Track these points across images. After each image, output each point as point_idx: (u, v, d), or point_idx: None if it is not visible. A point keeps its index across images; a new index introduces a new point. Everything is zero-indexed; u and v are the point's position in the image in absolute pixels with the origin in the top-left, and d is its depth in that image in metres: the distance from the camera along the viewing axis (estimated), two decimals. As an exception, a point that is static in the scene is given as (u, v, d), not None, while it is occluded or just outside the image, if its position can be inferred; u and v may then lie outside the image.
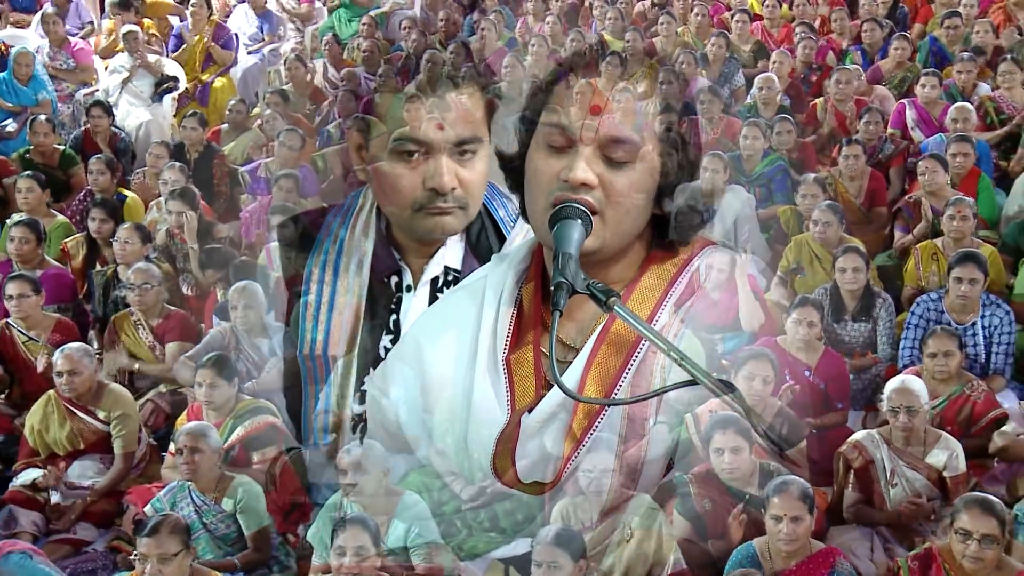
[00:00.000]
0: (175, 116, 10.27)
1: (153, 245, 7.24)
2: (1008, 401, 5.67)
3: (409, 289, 2.40)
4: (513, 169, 2.05)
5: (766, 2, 10.79)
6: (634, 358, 2.02)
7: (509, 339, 2.07)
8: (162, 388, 6.32)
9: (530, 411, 2.05)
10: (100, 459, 5.82)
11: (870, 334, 6.11)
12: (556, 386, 1.97)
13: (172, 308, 6.55)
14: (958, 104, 8.11)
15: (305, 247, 2.48)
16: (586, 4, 11.77)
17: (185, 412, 5.64)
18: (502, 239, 2.47)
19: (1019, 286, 6.45)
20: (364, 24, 11.22)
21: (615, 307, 1.83)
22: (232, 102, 9.71)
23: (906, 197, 7.27)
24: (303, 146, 8.38)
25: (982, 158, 7.88)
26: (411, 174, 2.27)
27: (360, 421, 2.68)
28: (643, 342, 2.00)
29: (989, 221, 7.42)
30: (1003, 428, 5.21)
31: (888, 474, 4.88)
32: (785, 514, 4.23)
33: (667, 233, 2.03)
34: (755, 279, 4.91)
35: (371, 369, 2.45)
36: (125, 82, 10.43)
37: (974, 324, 5.89)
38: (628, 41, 9.94)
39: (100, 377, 5.87)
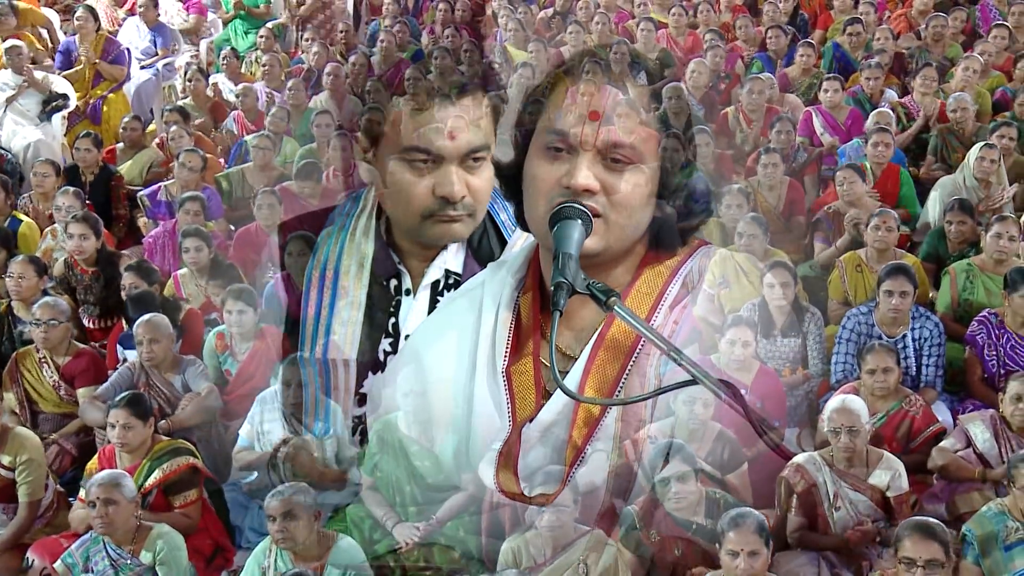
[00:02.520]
0: (66, 136, 9.83)
1: (50, 276, 6.88)
2: (941, 414, 5.64)
3: (409, 293, 2.42)
4: (509, 177, 2.04)
5: (672, 10, 10.75)
6: (631, 363, 2.03)
7: (508, 350, 2.08)
8: (68, 429, 5.98)
9: (530, 422, 2.06)
10: (2, 509, 5.47)
11: (800, 349, 6.04)
12: (555, 396, 2.03)
13: (80, 346, 6.21)
14: (879, 110, 8.15)
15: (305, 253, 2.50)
16: (489, 14, 11.62)
17: (96, 456, 5.32)
18: (503, 242, 2.48)
19: (942, 296, 6.45)
20: (262, 37, 10.91)
21: (615, 307, 1.82)
22: (126, 119, 9.33)
23: (825, 208, 7.24)
24: (205, 166, 8.07)
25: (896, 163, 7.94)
26: (420, 182, 2.28)
27: (359, 423, 2.72)
28: (639, 346, 2.02)
29: (912, 215, 7.51)
30: (941, 444, 5.17)
31: (831, 497, 4.80)
32: (742, 549, 4.12)
33: (664, 235, 2.04)
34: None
35: (370, 372, 2.49)
36: (10, 100, 9.94)
37: (904, 337, 5.86)
38: (531, 52, 9.82)
39: (3, 420, 5.50)
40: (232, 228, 7.85)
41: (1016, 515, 4.56)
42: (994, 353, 5.91)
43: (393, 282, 2.43)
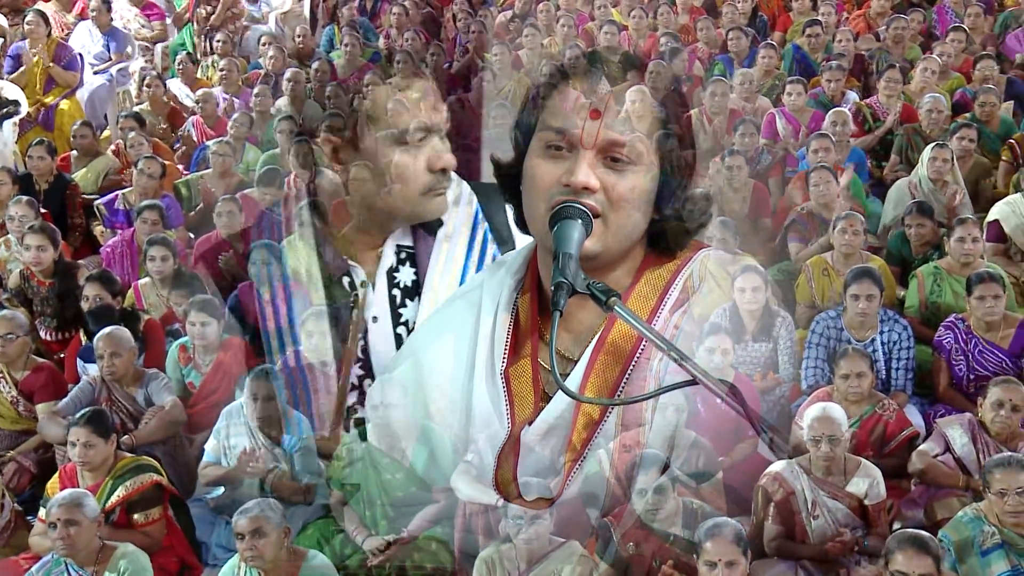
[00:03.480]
0: (17, 143, 9.63)
1: (4, 288, 6.72)
2: (913, 418, 5.63)
3: (364, 284, 2.45)
4: (509, 176, 2.03)
5: (631, 12, 10.71)
6: (631, 366, 2.02)
7: (507, 352, 2.07)
8: (27, 445, 5.83)
9: (529, 424, 2.05)
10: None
11: (771, 354, 6.00)
12: (554, 399, 2.02)
13: (39, 360, 6.06)
14: (836, 110, 8.15)
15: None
16: (447, 16, 11.54)
17: (56, 475, 5.18)
18: None
19: (910, 299, 6.44)
20: (219, 42, 10.74)
21: (615, 307, 1.81)
22: (76, 126, 9.15)
23: (798, 208, 7.21)
24: (164, 174, 7.92)
25: (859, 164, 7.94)
26: (416, 160, 2.32)
27: (352, 416, 2.67)
28: (639, 350, 2.01)
29: (868, 213, 7.47)
30: (921, 448, 5.14)
31: (810, 505, 4.75)
32: (720, 559, 4.05)
33: (663, 238, 2.02)
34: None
35: (354, 366, 2.49)
36: (-42, 107, 9.75)
37: (873, 340, 5.84)
38: (496, 55, 9.75)
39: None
40: (192, 236, 7.72)
41: (992, 520, 4.53)
42: (962, 358, 5.91)
43: (345, 279, 2.46)
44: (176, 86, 10.31)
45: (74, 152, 9.03)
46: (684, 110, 2.02)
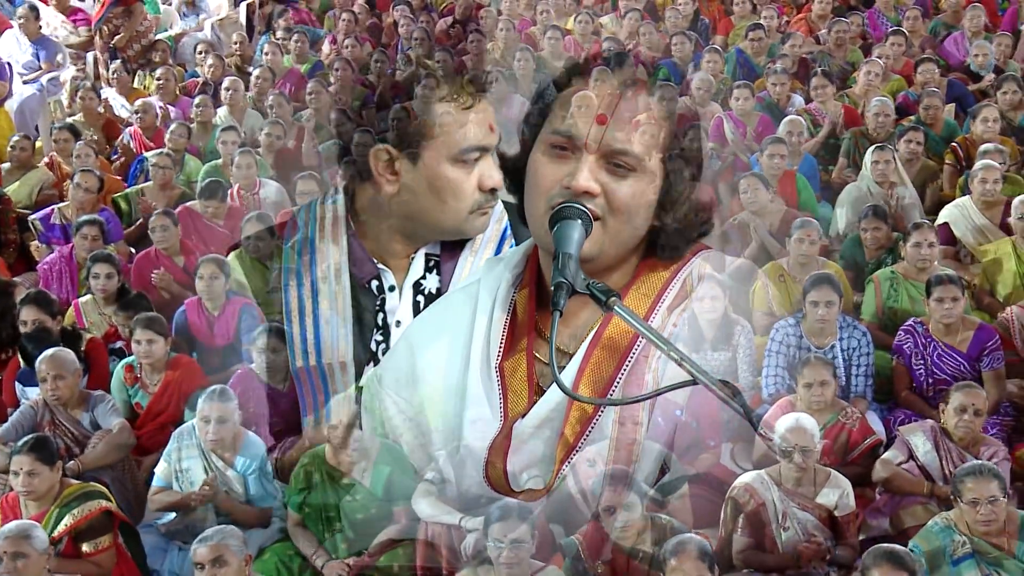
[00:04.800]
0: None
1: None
2: (874, 425, 5.60)
3: (392, 289, 2.48)
4: (514, 170, 2.03)
5: (577, 17, 10.65)
6: (627, 363, 2.02)
7: (503, 346, 2.07)
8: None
9: (523, 417, 2.05)
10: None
11: (731, 363, 5.94)
12: (548, 392, 2.02)
13: (-23, 385, 5.84)
14: (790, 118, 8.13)
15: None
16: (390, 22, 11.40)
17: (-1, 505, 4.98)
18: None
19: (867, 304, 6.43)
20: (156, 51, 10.50)
21: (615, 306, 1.81)
22: (15, 138, 8.86)
23: (731, 219, 7.14)
24: (101, 187, 7.69)
25: (809, 170, 7.93)
26: (469, 179, 2.34)
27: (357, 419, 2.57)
28: (635, 347, 2.01)
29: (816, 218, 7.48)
30: (884, 456, 5.11)
31: (780, 516, 4.70)
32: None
33: (662, 244, 2.02)
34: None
35: (365, 368, 2.48)
36: None
37: (833, 347, 5.81)
38: (439, 62, 9.61)
39: None
40: (132, 251, 7.51)
41: (962, 529, 4.51)
42: (922, 362, 5.89)
43: (374, 283, 2.48)
44: (112, 96, 10.05)
45: (5, 165, 8.75)
46: (691, 120, 2.01)
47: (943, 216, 7.19)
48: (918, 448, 5.08)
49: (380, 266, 2.48)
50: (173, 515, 5.22)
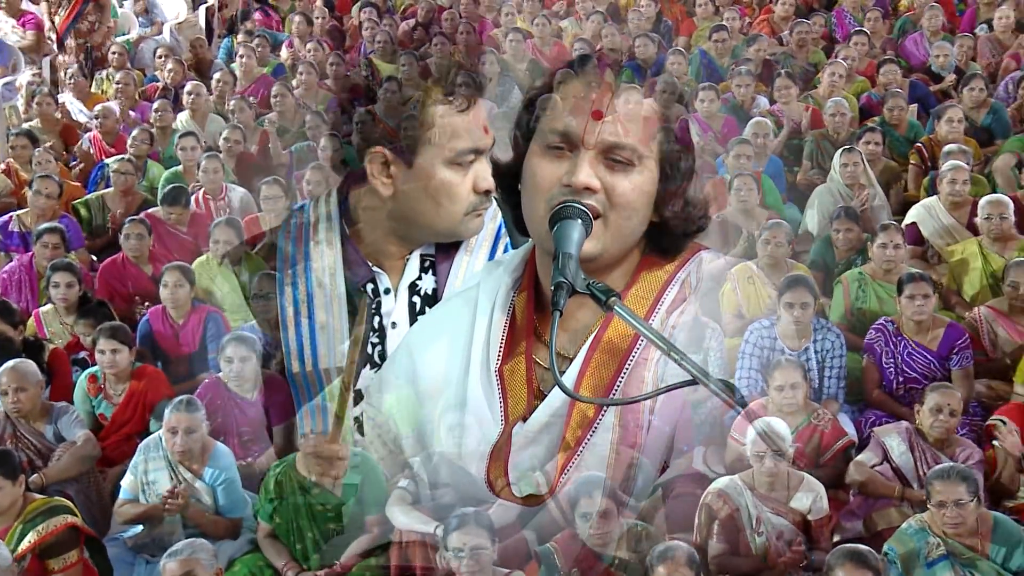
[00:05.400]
0: None
1: None
2: (846, 427, 5.60)
3: (388, 292, 2.47)
4: (508, 176, 2.03)
5: (535, 20, 10.62)
6: (627, 365, 2.02)
7: (502, 349, 2.08)
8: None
9: (523, 421, 2.05)
10: None
11: (702, 366, 5.91)
12: (550, 397, 2.03)
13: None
14: (756, 120, 8.14)
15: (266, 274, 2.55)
16: (353, 25, 11.32)
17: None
18: None
19: (835, 305, 6.43)
20: (114, 54, 10.35)
21: (615, 306, 1.81)
22: (-30, 145, 8.74)
23: (714, 216, 7.15)
24: (61, 193, 7.57)
25: (774, 172, 7.93)
26: (465, 181, 2.33)
27: (359, 420, 2.56)
28: (635, 350, 2.02)
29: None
30: (858, 458, 5.11)
31: (754, 522, 4.67)
32: (674, 584, 3.94)
33: (662, 240, 2.03)
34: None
35: (361, 371, 2.47)
36: None
37: (807, 349, 5.80)
38: (403, 65, 9.56)
39: None
40: (94, 259, 7.40)
41: (936, 531, 4.51)
42: (892, 360, 5.91)
43: (370, 285, 2.47)
44: (69, 101, 9.91)
45: (-38, 172, 8.60)
46: (683, 114, 2.00)
47: (911, 216, 7.22)
48: (893, 450, 5.08)
49: (375, 268, 2.48)
50: (140, 528, 5.13)
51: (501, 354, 2.07)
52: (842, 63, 9.33)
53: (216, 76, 9.54)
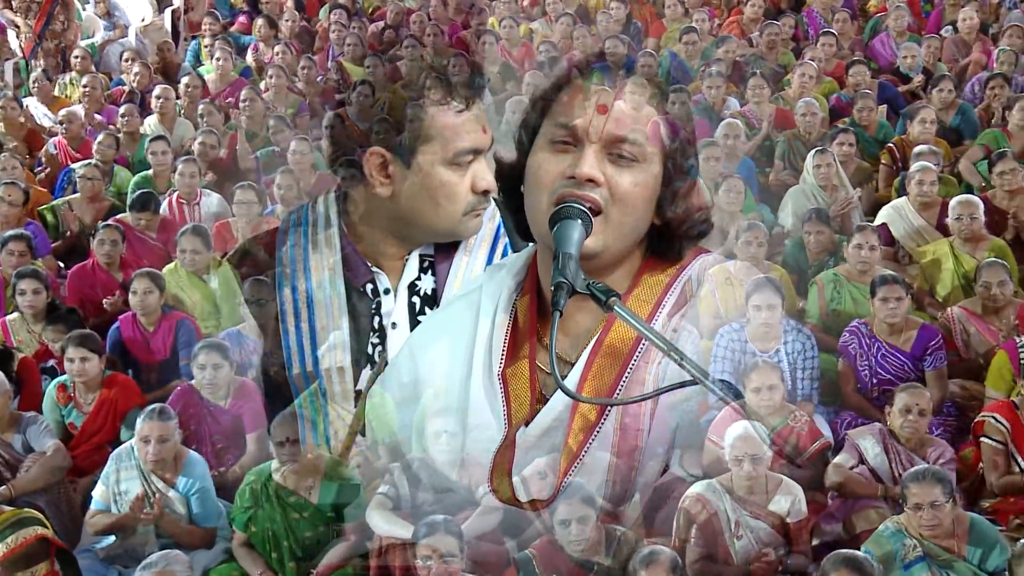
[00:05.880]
0: None
1: None
2: (821, 427, 5.60)
3: (388, 292, 2.49)
4: (509, 178, 2.04)
5: (503, 22, 10.60)
6: (628, 369, 2.02)
7: (504, 353, 2.07)
8: None
9: (526, 425, 2.05)
10: None
11: (676, 368, 5.91)
12: (551, 402, 2.02)
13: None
14: (727, 121, 8.15)
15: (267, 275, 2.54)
16: (321, 28, 11.26)
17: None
18: None
19: (810, 307, 6.44)
20: (78, 58, 10.24)
21: (615, 307, 1.82)
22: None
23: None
24: (27, 200, 7.48)
25: (746, 173, 7.94)
26: (463, 181, 2.34)
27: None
28: (637, 353, 2.02)
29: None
30: (836, 460, 5.11)
31: (733, 526, 4.67)
32: (657, 589, 3.94)
33: (663, 244, 2.03)
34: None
35: (363, 372, 2.49)
36: None
37: (778, 351, 5.80)
38: (369, 68, 9.52)
39: None
40: (61, 265, 7.32)
41: (913, 533, 4.54)
42: (866, 363, 5.92)
43: (369, 286, 2.48)
44: (33, 105, 9.79)
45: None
46: (687, 112, 2.00)
47: (881, 217, 7.25)
48: (868, 452, 5.09)
49: (374, 269, 2.48)
50: (112, 539, 5.08)
51: (504, 357, 2.06)
52: (812, 64, 9.36)
53: (184, 80, 9.46)
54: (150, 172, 7.85)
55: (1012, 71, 9.49)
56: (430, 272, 2.49)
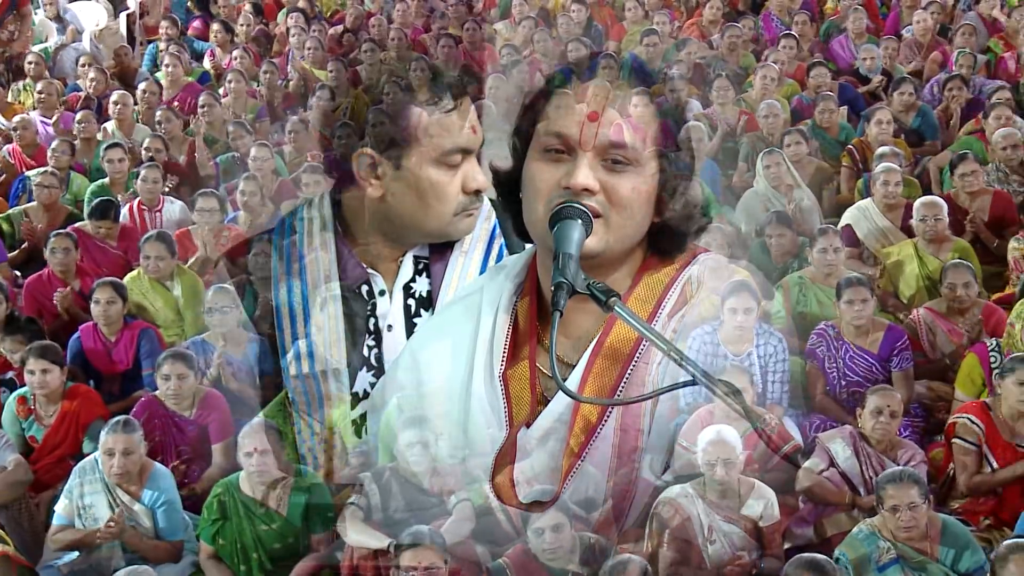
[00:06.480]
0: None
1: None
2: (792, 430, 5.60)
3: (383, 294, 2.49)
4: (507, 184, 2.03)
5: (465, 25, 10.55)
6: (629, 371, 2.03)
7: (506, 355, 2.08)
8: None
9: (527, 427, 2.06)
10: None
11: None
12: (552, 403, 2.03)
13: None
14: (690, 124, 8.13)
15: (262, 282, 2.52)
16: (280, 32, 11.16)
17: None
18: None
19: (777, 310, 6.44)
20: (32, 63, 10.08)
21: (615, 307, 1.82)
22: None
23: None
24: (-19, 210, 7.36)
25: (710, 175, 7.94)
26: (453, 181, 2.34)
27: (357, 423, 2.58)
28: (636, 354, 2.03)
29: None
30: (806, 464, 5.10)
31: (706, 530, 4.65)
32: (626, 598, 3.91)
33: (663, 241, 2.03)
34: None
35: (358, 373, 2.49)
36: None
37: (750, 354, 5.78)
38: (331, 71, 9.44)
39: None
40: (17, 274, 7.19)
41: (886, 535, 4.56)
42: (834, 365, 5.93)
43: (364, 288, 2.48)
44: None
45: None
46: (681, 112, 1.98)
47: (845, 218, 7.27)
48: (838, 455, 5.09)
49: (370, 271, 2.48)
50: (76, 554, 4.99)
51: (505, 360, 2.07)
52: (773, 67, 9.39)
53: (142, 86, 9.34)
54: (107, 180, 7.73)
55: (970, 73, 9.57)
56: (425, 274, 2.49)
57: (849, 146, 8.33)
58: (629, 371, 2.02)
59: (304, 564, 4.83)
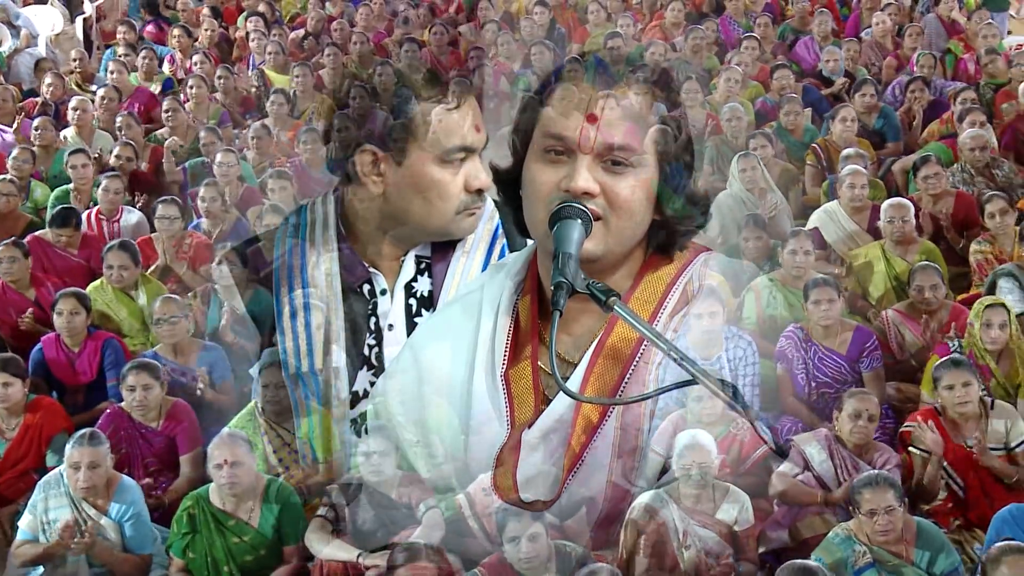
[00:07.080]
0: None
1: None
2: (763, 434, 5.59)
3: (384, 293, 2.48)
4: (508, 182, 2.03)
5: (432, 28, 10.51)
6: (630, 370, 2.03)
7: (507, 354, 2.08)
8: None
9: (529, 427, 2.05)
10: None
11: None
12: (554, 403, 2.03)
13: None
14: (656, 127, 8.11)
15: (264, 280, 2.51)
16: (240, 36, 11.07)
17: None
18: None
19: (747, 312, 6.43)
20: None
21: (615, 307, 1.83)
22: None
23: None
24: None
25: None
26: (455, 179, 2.33)
27: (356, 423, 2.56)
28: (638, 354, 2.03)
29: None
30: (780, 468, 5.09)
31: (681, 536, 4.63)
32: (595, 608, 3.89)
33: (664, 238, 2.03)
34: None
35: (359, 373, 2.49)
36: None
37: (719, 358, 5.75)
38: (297, 76, 9.36)
39: None
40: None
41: (862, 539, 4.55)
42: (803, 367, 5.93)
43: (366, 287, 2.48)
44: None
45: None
46: (679, 110, 2.02)
47: (812, 221, 7.29)
48: (813, 458, 5.09)
49: (371, 269, 2.48)
50: (41, 569, 4.90)
51: (506, 359, 2.07)
52: (737, 69, 9.41)
53: (100, 92, 9.21)
54: (70, 187, 7.62)
55: (931, 74, 9.64)
56: (426, 274, 2.48)
57: (814, 144, 8.37)
58: (631, 371, 2.02)
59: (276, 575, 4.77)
